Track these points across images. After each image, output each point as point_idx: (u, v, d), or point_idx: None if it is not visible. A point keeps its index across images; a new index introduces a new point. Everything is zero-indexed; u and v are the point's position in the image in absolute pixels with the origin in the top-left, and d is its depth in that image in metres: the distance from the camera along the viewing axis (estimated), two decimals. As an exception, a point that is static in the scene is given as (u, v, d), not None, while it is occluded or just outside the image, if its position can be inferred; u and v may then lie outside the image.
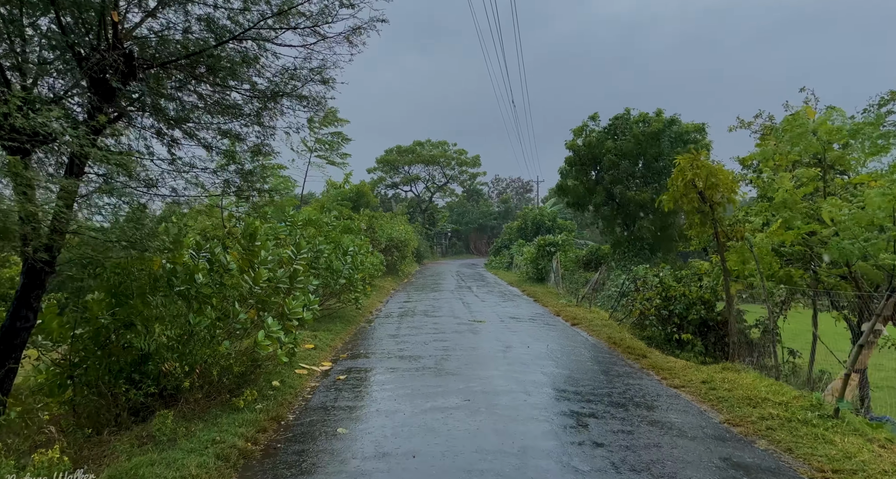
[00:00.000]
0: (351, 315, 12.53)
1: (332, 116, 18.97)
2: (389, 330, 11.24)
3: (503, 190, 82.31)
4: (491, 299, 17.80)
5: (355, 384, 6.97)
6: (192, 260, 6.37)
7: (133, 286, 5.80)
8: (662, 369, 7.91)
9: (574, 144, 20.99)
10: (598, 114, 21.23)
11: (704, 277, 11.71)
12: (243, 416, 5.41)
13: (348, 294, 12.08)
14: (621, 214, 20.40)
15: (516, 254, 34.78)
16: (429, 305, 15.76)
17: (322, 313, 11.90)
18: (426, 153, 51.84)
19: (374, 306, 15.38)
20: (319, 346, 9.17)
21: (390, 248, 24.47)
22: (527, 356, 8.68)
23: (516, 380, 7.12)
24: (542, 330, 11.52)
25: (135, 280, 5.88)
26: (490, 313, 14.11)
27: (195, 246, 6.47)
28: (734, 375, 7.33)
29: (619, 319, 12.78)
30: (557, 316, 13.91)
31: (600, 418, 5.63)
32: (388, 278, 23.71)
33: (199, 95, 7.02)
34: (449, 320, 12.52)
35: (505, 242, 42.42)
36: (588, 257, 22.54)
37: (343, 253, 11.60)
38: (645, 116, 20.41)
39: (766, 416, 5.58)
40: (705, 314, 10.61)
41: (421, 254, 42.04)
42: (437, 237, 61.65)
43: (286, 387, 6.57)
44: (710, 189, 8.24)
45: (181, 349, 5.57)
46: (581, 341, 10.34)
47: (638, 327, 11.76)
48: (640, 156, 19.67)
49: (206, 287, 6.01)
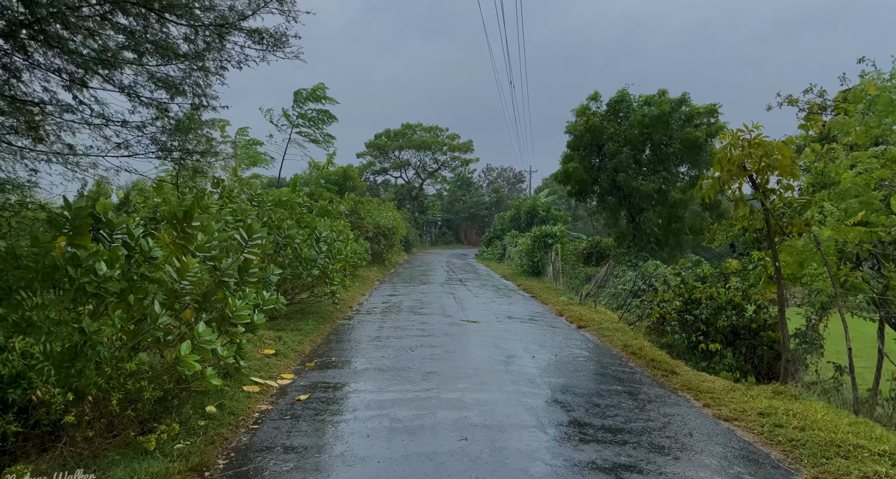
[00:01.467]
0: (326, 311, 10.93)
1: (320, 92, 17.17)
2: (370, 331, 9.66)
3: (494, 179, 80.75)
4: (485, 294, 16.28)
5: (318, 410, 5.39)
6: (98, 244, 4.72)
7: (12, 278, 4.17)
8: (701, 392, 6.44)
9: (575, 126, 19.38)
10: (600, 94, 19.54)
11: (732, 277, 10.27)
12: (150, 465, 3.82)
13: (323, 287, 10.47)
14: (626, 205, 18.91)
15: (509, 245, 33.30)
16: (416, 299, 14.20)
17: (291, 309, 10.30)
18: (417, 138, 49.96)
19: (355, 299, 13.77)
20: (282, 351, 7.58)
21: (377, 235, 22.82)
22: (533, 370, 7.17)
23: (525, 407, 5.60)
24: (546, 334, 10.02)
25: (20, 269, 4.25)
26: (485, 311, 12.59)
27: (105, 224, 4.82)
28: (795, 404, 5.87)
29: (631, 322, 11.32)
30: (560, 316, 12.43)
31: (646, 473, 4.12)
32: (373, 268, 22.10)
33: (120, 29, 5.33)
34: (439, 320, 10.97)
35: (497, 232, 40.91)
36: (588, 250, 21.11)
37: (317, 240, 9.96)
38: (649, 98, 18.78)
39: (871, 475, 4.10)
40: (736, 321, 9.18)
41: (410, 243, 40.43)
42: (426, 226, 60.01)
43: (225, 414, 4.98)
44: (763, 172, 6.72)
45: (66, 369, 3.95)
46: (593, 350, 8.85)
47: (654, 332, 10.30)
48: (646, 141, 18.11)
49: (112, 282, 4.37)
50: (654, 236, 17.81)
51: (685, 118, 17.24)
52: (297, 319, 9.92)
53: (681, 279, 10.07)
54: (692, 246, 21.03)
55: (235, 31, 5.02)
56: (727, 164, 6.77)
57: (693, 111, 17.30)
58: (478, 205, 69.26)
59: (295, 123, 17.74)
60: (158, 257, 4.90)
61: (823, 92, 9.36)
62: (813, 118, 8.70)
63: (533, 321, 11.45)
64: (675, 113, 17.19)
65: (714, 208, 18.00)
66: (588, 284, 15.09)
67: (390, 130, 50.33)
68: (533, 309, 13.44)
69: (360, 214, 22.31)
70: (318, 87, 17.39)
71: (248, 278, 5.71)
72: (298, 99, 17.42)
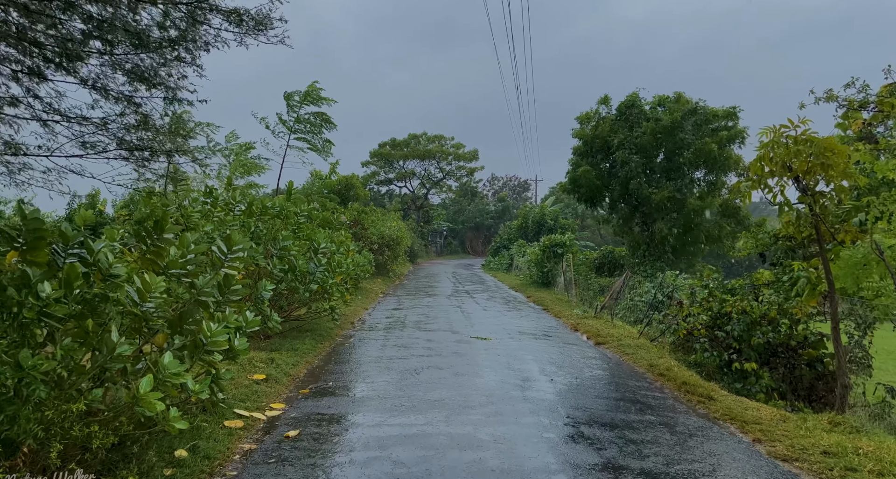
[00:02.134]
0: (326, 328, 10.20)
1: (314, 93, 16.48)
2: (371, 350, 8.91)
3: (500, 189, 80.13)
4: (494, 307, 15.50)
5: (309, 450, 4.64)
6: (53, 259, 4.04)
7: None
8: (747, 423, 5.65)
9: (582, 132, 18.63)
10: (610, 97, 18.81)
11: (764, 289, 9.46)
12: (94, 534, 3.08)
13: (322, 303, 9.75)
14: (639, 213, 18.10)
15: (517, 255, 32.53)
16: (422, 313, 13.45)
17: (288, 326, 9.57)
18: (422, 147, 49.46)
19: (357, 314, 13.04)
20: (274, 375, 6.83)
21: (381, 246, 22.12)
22: (553, 396, 6.40)
23: (549, 444, 4.83)
24: (563, 352, 9.24)
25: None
26: (495, 325, 11.82)
27: (59, 238, 4.13)
28: (862, 439, 5.07)
29: (653, 337, 10.52)
30: (576, 331, 11.64)
31: (707, 539, 3.34)
32: (377, 280, 21.38)
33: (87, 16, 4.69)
34: (446, 337, 10.21)
35: (504, 242, 40.15)
36: (601, 259, 20.31)
37: (315, 252, 9.26)
38: (663, 99, 18.01)
39: None
40: (772, 337, 8.37)
41: (415, 253, 39.74)
42: (431, 236, 59.37)
43: (198, 459, 4.24)
44: (811, 172, 5.96)
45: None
46: (616, 370, 8.07)
47: (680, 349, 9.50)
48: (659, 146, 17.34)
49: (59, 305, 3.67)
50: (669, 245, 16.97)
51: (699, 123, 16.48)
52: (293, 337, 9.19)
53: (708, 291, 9.27)
54: (708, 255, 20.16)
55: (211, 11, 4.35)
56: (769, 163, 6.02)
57: (710, 114, 16.53)
58: (483, 214, 68.57)
59: (293, 128, 17.06)
60: (121, 274, 4.20)
61: (867, 86, 8.59)
62: (852, 115, 7.95)
63: (547, 338, 10.67)
64: (691, 117, 16.42)
65: (733, 215, 17.18)
66: (603, 296, 14.29)
67: (395, 139, 49.90)
68: (546, 323, 12.65)
69: (364, 224, 21.63)
70: (312, 87, 16.67)
71: (230, 296, 5.00)
72: (291, 102, 16.68)
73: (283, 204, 9.79)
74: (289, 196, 9.83)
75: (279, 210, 9.71)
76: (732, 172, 16.96)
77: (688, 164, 16.62)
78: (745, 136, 16.67)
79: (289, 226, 9.66)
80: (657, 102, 17.86)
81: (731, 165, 16.60)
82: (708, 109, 16.66)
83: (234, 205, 9.14)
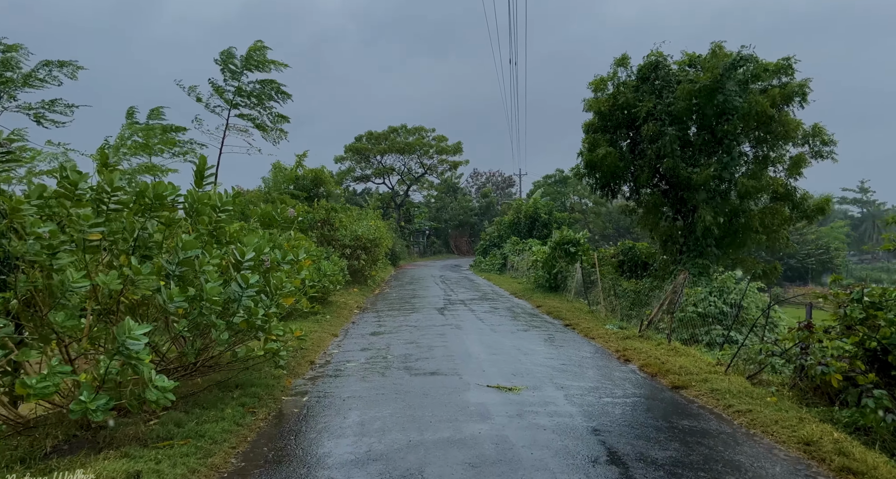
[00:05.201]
0: (262, 383, 6.66)
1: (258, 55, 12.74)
2: (334, 427, 5.41)
3: (483, 184, 76.86)
4: (501, 324, 12.08)
5: None
6: None
7: None
8: None
9: (597, 102, 15.29)
10: (629, 57, 15.42)
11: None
12: None
13: (256, 343, 6.23)
14: (671, 199, 14.81)
15: (512, 254, 29.24)
16: (410, 341, 9.98)
17: (204, 384, 6.02)
18: (402, 141, 45.83)
19: (321, 345, 9.50)
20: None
21: (356, 250, 18.55)
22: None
23: None
24: (637, 415, 5.87)
25: None
26: (512, 359, 8.41)
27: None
28: None
29: (752, 374, 7.22)
30: (628, 363, 8.33)
31: None
32: (352, 290, 17.83)
33: None
34: (450, 387, 6.76)
35: (494, 239, 36.81)
36: (619, 257, 17.07)
37: (236, 266, 5.77)
38: (694, 58, 14.72)
39: None
40: None
41: (396, 255, 36.18)
42: (413, 236, 55.85)
43: None
44: None
45: None
46: (752, 457, 4.72)
47: (815, 395, 6.22)
48: (696, 115, 14.05)
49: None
50: (713, 237, 13.74)
51: (745, 81, 13.21)
52: (206, 404, 5.66)
53: (862, 307, 5.98)
54: (756, 248, 17.02)
55: None
56: None
57: (759, 68, 13.23)
58: (466, 211, 65.22)
59: (233, 101, 13.21)
60: None
61: None
62: None
63: (599, 388, 7.29)
64: (733, 73, 13.13)
65: (788, 197, 14.05)
66: (646, 307, 11.04)
67: (373, 132, 46.13)
68: (579, 350, 9.29)
69: (334, 224, 18.04)
70: (256, 47, 12.89)
71: None
72: (228, 66, 12.82)
73: (191, 193, 6.24)
74: (199, 180, 6.30)
75: (190, 203, 6.16)
76: (791, 143, 13.85)
77: (732, 134, 13.34)
78: (807, 91, 13.44)
79: (199, 228, 6.12)
80: (687, 62, 14.58)
81: (791, 132, 13.44)
82: (757, 61, 13.34)
83: (110, 195, 5.55)
